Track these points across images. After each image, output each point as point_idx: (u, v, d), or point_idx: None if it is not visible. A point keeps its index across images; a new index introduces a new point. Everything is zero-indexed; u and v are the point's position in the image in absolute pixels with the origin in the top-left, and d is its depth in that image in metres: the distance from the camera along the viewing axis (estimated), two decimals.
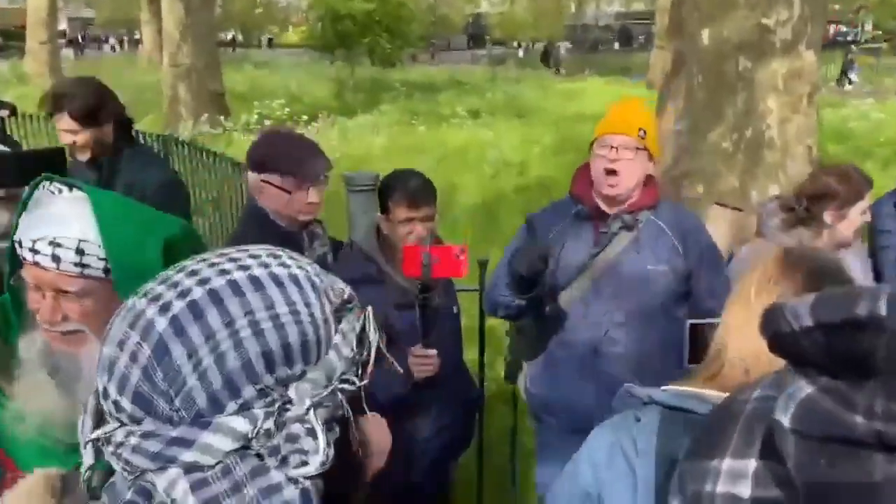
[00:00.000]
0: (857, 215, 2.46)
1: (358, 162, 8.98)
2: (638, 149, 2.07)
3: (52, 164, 1.67)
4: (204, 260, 0.61)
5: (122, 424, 0.55)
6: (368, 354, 0.63)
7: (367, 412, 0.66)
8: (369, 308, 0.68)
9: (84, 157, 2.70)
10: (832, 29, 35.99)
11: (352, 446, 0.61)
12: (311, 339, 0.58)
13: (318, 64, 21.62)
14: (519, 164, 9.19)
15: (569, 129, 10.25)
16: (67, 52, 27.06)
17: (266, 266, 0.59)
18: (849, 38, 33.70)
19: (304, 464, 0.54)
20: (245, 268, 0.58)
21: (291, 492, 0.53)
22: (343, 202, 5.56)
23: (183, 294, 0.56)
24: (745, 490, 0.65)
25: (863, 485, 0.59)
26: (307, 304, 0.59)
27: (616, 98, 13.27)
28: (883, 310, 0.57)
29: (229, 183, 5.73)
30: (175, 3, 11.53)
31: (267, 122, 10.87)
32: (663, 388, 1.12)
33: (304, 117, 11.20)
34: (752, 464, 0.66)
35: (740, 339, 1.07)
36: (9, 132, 7.12)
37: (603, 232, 2.11)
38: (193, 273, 0.58)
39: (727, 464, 0.68)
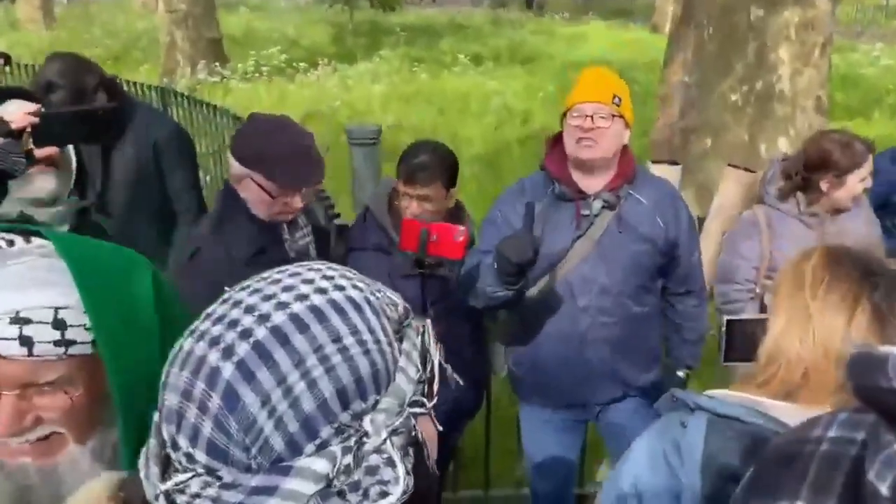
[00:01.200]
0: (856, 183, 2.43)
1: (358, 112, 8.86)
2: (613, 115, 2.00)
3: (103, 124, 1.61)
4: (255, 291, 0.58)
5: (197, 474, 0.53)
6: (433, 371, 0.62)
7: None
8: (427, 322, 0.67)
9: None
10: None
11: (426, 468, 0.61)
12: (381, 367, 0.57)
13: (316, 7, 21.09)
14: (522, 112, 9.06)
15: (573, 76, 10.05)
16: None
17: (323, 292, 0.57)
18: None
19: (386, 494, 0.53)
20: (303, 297, 0.56)
21: None
22: (345, 152, 5.51)
23: (245, 334, 0.54)
24: None
25: None
26: (371, 330, 0.57)
27: (620, 43, 13.01)
28: None
29: (230, 135, 5.67)
30: None
31: (264, 69, 10.68)
32: (710, 393, 1.08)
33: (303, 64, 11.00)
34: None
35: (796, 342, 1.02)
36: (2, 84, 7.00)
37: (585, 214, 2.05)
38: (250, 309, 0.55)
39: None
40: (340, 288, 0.59)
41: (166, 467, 0.56)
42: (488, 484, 3.00)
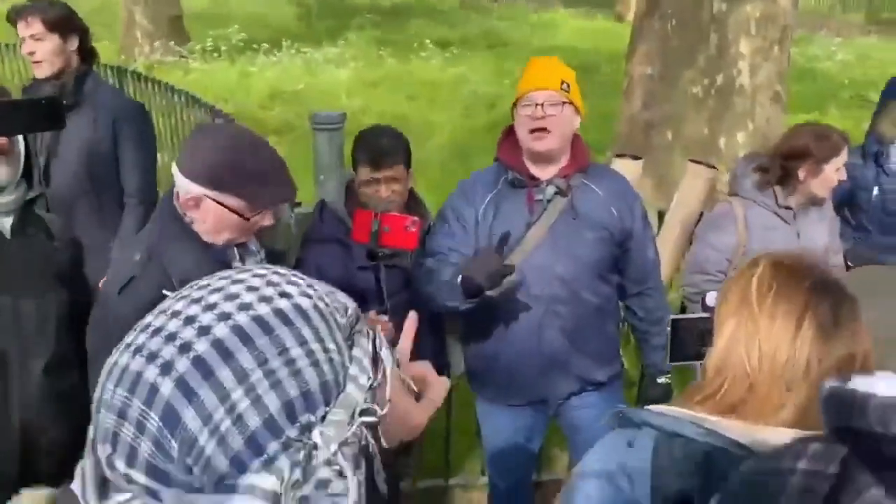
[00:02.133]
0: (832, 172, 2.48)
1: (324, 95, 8.73)
2: (563, 102, 2.00)
3: (49, 113, 1.59)
4: (195, 300, 0.55)
5: (136, 496, 0.51)
6: (384, 377, 0.60)
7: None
8: (377, 328, 0.65)
9: (45, 72, 2.62)
10: None
11: (375, 484, 0.60)
12: (330, 377, 0.55)
13: None
14: (490, 97, 9.03)
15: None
16: None
17: (268, 301, 0.55)
18: None
19: None
20: (246, 307, 0.54)
21: None
22: (308, 137, 5.44)
23: (185, 349, 0.52)
24: None
25: None
26: (319, 340, 0.56)
27: (586, 32, 13.00)
28: None
29: (189, 115, 5.56)
30: None
31: (223, 49, 10.46)
32: (655, 408, 1.03)
33: (265, 45, 10.79)
34: None
35: (742, 353, 1.00)
36: None
37: (537, 200, 2.04)
38: (190, 320, 0.53)
39: None
40: (287, 296, 0.56)
41: (104, 486, 0.53)
42: (448, 472, 3.02)
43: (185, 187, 1.53)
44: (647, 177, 4.60)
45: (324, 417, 0.54)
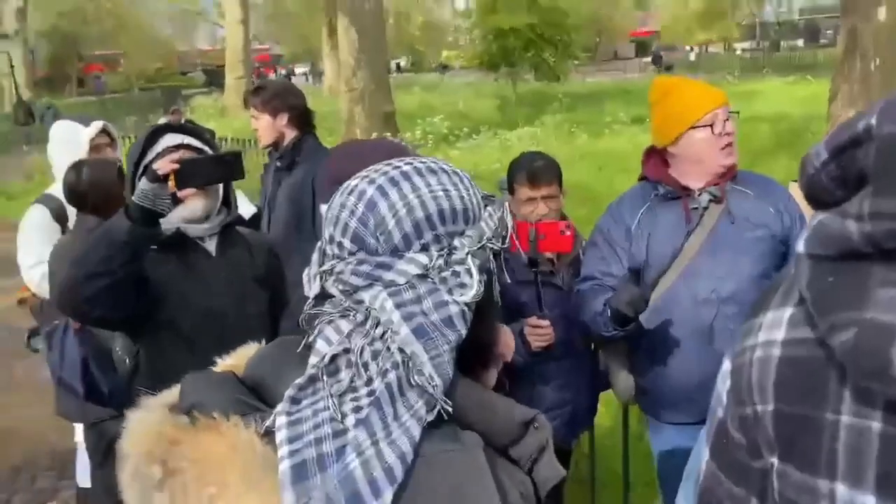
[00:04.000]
0: None
1: None
2: (730, 114, 2.03)
3: (232, 167, 1.91)
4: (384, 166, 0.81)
5: (341, 258, 0.76)
6: (506, 235, 0.83)
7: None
8: (506, 203, 0.86)
9: (265, 142, 3.15)
10: None
11: (493, 299, 0.81)
12: (470, 208, 0.78)
13: (484, 82, 22.14)
14: None
15: (744, 129, 9.69)
16: None
17: (435, 162, 0.81)
18: None
19: (463, 293, 0.74)
20: (421, 163, 0.80)
21: (454, 308, 0.73)
22: None
23: (384, 174, 0.78)
24: (778, 334, 0.71)
25: (858, 294, 0.61)
26: (466, 188, 0.79)
27: (796, 97, 12.32)
28: (874, 120, 0.61)
29: None
30: (349, 32, 12.44)
31: (430, 137, 11.38)
32: None
33: (465, 129, 11.58)
34: (788, 311, 0.71)
35: None
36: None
37: (694, 208, 2.04)
38: (382, 172, 0.79)
39: (769, 316, 0.73)
40: (448, 164, 0.82)
41: (322, 264, 0.79)
42: None
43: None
44: None
45: (463, 233, 0.77)
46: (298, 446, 0.67)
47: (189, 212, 1.91)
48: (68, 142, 2.99)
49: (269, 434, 0.69)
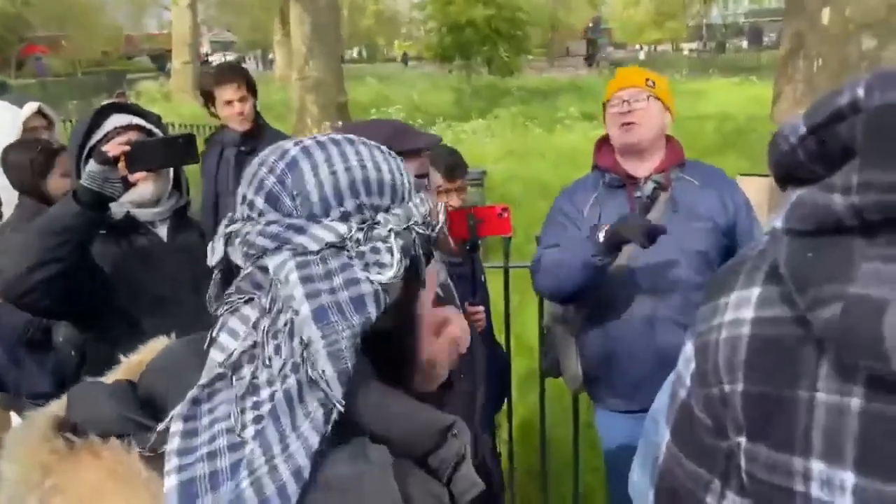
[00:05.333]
0: None
1: (472, 163, 9.15)
2: (649, 97, 2.05)
3: (185, 150, 1.83)
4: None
5: (251, 219, 0.69)
6: (439, 233, 0.77)
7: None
8: (436, 196, 0.82)
9: (245, 126, 3.14)
10: None
11: (416, 291, 0.74)
12: (399, 184, 0.73)
13: (440, 75, 22.11)
14: None
15: (691, 127, 9.95)
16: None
17: (374, 142, 0.75)
18: None
19: (380, 272, 0.68)
20: (359, 138, 0.76)
21: (367, 287, 0.66)
22: None
23: (314, 139, 0.73)
24: (747, 313, 0.70)
25: (843, 268, 0.60)
26: (399, 168, 0.74)
27: (741, 97, 12.69)
28: (861, 92, 0.60)
29: None
30: (303, 19, 12.24)
31: None
32: None
33: (420, 121, 11.55)
34: (755, 290, 0.70)
35: None
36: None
37: (637, 197, 2.07)
38: (316, 136, 0.75)
39: (734, 296, 0.72)
40: (384, 148, 0.77)
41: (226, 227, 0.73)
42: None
43: None
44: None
45: (388, 209, 0.71)
46: (190, 460, 0.59)
47: (138, 195, 1.84)
48: (2, 124, 2.88)
49: (157, 455, 0.61)
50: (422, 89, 18.09)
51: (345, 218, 0.68)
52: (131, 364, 0.75)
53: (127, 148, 1.68)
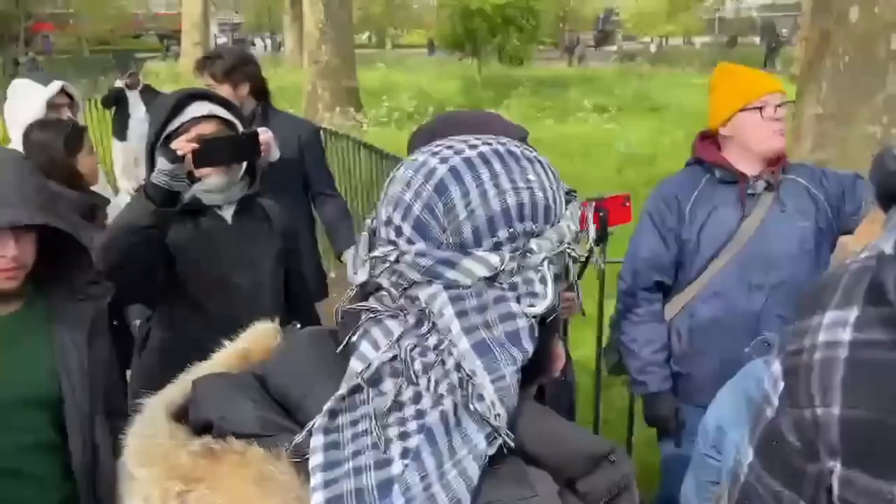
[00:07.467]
0: None
1: None
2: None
3: (249, 147, 1.90)
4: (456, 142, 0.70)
5: (397, 248, 0.65)
6: (587, 240, 0.73)
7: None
8: (592, 203, 0.76)
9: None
10: None
11: (558, 313, 0.70)
12: (552, 206, 0.67)
13: (450, 63, 22.01)
14: (648, 156, 8.96)
15: (705, 122, 9.86)
16: None
17: (517, 146, 0.70)
18: None
19: (532, 303, 0.64)
20: (501, 145, 0.69)
21: (522, 322, 0.63)
22: None
23: (458, 153, 0.67)
24: (844, 335, 0.67)
25: None
26: (550, 182, 0.69)
27: None
28: None
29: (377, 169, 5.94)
30: (315, 5, 12.16)
31: (395, 115, 11.26)
32: None
33: (430, 109, 11.48)
34: (854, 311, 0.68)
35: None
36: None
37: (750, 194, 2.09)
38: (457, 150, 0.68)
39: (829, 316, 0.69)
40: (529, 150, 0.72)
41: (372, 247, 0.69)
42: None
43: None
44: None
45: (541, 233, 0.66)
46: (335, 475, 0.57)
47: (207, 186, 1.90)
48: (26, 100, 2.86)
49: (299, 459, 0.59)
50: (430, 77, 18.00)
51: (497, 248, 0.65)
52: (237, 351, 0.73)
53: (195, 146, 1.75)
